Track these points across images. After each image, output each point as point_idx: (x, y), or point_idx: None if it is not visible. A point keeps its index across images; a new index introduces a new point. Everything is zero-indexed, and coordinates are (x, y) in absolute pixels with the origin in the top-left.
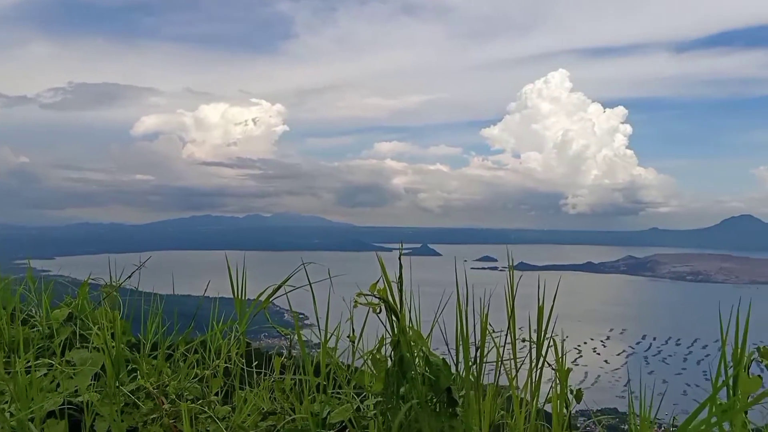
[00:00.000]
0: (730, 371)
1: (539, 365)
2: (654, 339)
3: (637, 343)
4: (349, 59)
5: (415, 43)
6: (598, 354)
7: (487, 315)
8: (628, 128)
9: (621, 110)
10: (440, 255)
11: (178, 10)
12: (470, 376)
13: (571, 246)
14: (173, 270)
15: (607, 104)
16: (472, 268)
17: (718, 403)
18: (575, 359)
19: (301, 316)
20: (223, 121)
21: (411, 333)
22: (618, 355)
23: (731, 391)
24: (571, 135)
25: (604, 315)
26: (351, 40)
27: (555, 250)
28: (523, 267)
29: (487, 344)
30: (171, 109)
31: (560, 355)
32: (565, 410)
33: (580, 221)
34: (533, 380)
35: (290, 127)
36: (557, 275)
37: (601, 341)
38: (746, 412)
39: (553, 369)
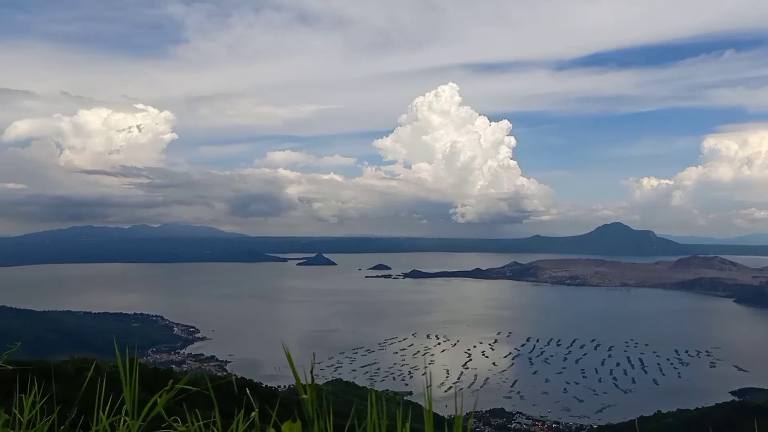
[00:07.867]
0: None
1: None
2: (537, 341)
3: (522, 345)
4: (242, 67)
5: (309, 53)
6: (487, 357)
7: None
8: (512, 140)
9: (506, 124)
10: (335, 264)
11: (56, 8)
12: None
13: (460, 253)
14: (52, 284)
15: (493, 118)
16: (366, 277)
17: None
18: (465, 362)
19: (191, 329)
20: (105, 127)
21: None
22: (505, 357)
23: None
24: (459, 147)
25: (491, 319)
26: (244, 47)
27: (446, 258)
28: (417, 275)
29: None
30: (47, 113)
31: None
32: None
33: (469, 229)
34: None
35: (179, 135)
36: (448, 282)
37: (490, 344)
38: None
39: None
